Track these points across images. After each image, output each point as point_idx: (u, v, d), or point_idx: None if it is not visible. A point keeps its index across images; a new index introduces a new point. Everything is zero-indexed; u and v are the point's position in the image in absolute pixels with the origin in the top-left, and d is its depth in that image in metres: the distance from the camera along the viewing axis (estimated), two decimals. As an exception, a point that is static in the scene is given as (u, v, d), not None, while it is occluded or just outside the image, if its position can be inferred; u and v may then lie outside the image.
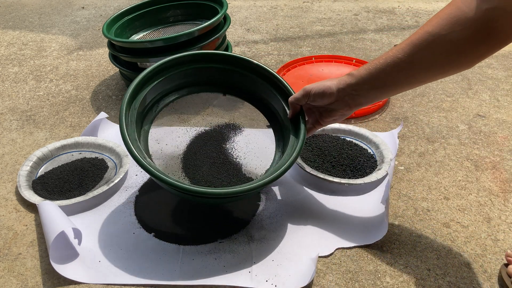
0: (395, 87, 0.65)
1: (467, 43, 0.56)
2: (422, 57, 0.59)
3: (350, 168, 0.86)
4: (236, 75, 0.84)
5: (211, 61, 0.83)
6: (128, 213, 0.80)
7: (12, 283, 0.68)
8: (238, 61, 0.83)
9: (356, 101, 0.68)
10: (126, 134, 0.68)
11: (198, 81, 0.85)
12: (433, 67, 0.60)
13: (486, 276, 0.68)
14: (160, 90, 0.81)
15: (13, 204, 0.84)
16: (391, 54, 0.62)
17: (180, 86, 0.84)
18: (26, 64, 1.40)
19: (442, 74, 0.62)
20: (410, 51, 0.60)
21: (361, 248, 0.73)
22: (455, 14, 0.56)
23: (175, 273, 0.68)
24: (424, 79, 0.63)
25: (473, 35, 0.55)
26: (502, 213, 0.79)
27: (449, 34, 0.56)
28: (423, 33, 0.59)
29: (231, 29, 1.62)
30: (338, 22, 1.68)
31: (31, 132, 1.05)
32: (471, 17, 0.54)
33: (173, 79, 0.82)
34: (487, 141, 0.99)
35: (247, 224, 0.77)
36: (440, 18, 0.57)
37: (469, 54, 0.57)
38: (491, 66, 1.30)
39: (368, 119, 1.07)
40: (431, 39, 0.58)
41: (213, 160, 0.81)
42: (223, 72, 0.84)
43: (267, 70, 0.82)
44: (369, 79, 0.65)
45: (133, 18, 1.23)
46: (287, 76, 1.24)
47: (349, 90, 0.67)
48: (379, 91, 0.66)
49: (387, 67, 0.62)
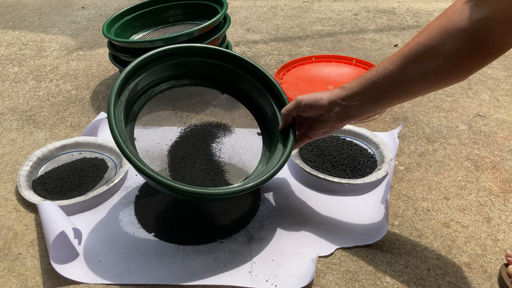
0: (387, 100, 0.64)
1: (459, 54, 0.55)
2: (413, 69, 0.58)
3: (350, 168, 0.86)
4: (229, 72, 0.82)
5: (208, 56, 0.81)
6: (128, 213, 0.80)
7: (12, 283, 0.68)
8: (233, 59, 0.81)
9: (347, 113, 0.67)
10: (115, 127, 0.67)
11: (190, 74, 0.82)
12: (425, 79, 0.59)
13: (486, 276, 0.68)
14: (150, 80, 0.79)
15: (13, 204, 0.84)
16: (382, 66, 0.61)
17: (169, 77, 0.81)
18: (26, 64, 1.40)
19: (434, 86, 0.61)
20: (402, 63, 0.59)
21: (361, 248, 0.73)
22: (446, 24, 0.55)
23: (175, 273, 0.68)
24: (416, 91, 0.62)
25: (465, 46, 0.54)
26: (502, 213, 0.79)
27: (441, 45, 0.55)
28: (414, 44, 0.58)
29: (231, 29, 1.62)
30: (338, 22, 1.68)
31: (31, 132, 1.05)
32: (463, 27, 0.53)
33: (161, 71, 0.79)
34: (487, 141, 0.99)
35: (247, 224, 0.77)
36: (432, 29, 0.56)
37: (461, 65, 0.56)
38: (491, 66, 1.30)
39: (368, 119, 1.07)
40: (422, 51, 0.57)
41: (199, 159, 0.81)
42: (220, 69, 0.82)
43: (265, 74, 0.81)
44: (360, 91, 0.64)
45: (133, 18, 1.23)
46: (287, 76, 1.24)
47: (340, 102, 0.66)
48: (371, 104, 0.65)
49: (378, 79, 0.62)
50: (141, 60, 0.75)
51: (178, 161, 0.80)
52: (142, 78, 0.76)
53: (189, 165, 0.79)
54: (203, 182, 0.77)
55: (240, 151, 0.84)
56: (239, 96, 0.85)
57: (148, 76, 0.77)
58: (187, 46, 0.80)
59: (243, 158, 0.83)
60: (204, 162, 0.80)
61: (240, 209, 0.81)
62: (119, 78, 0.71)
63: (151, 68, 0.77)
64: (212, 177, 0.78)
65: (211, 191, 0.66)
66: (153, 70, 0.77)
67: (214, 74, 0.83)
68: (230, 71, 0.82)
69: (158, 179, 0.64)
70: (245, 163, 0.82)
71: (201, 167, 0.79)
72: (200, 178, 0.77)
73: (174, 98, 0.84)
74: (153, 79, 0.79)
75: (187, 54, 0.80)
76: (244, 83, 0.83)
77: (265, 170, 0.73)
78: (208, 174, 0.78)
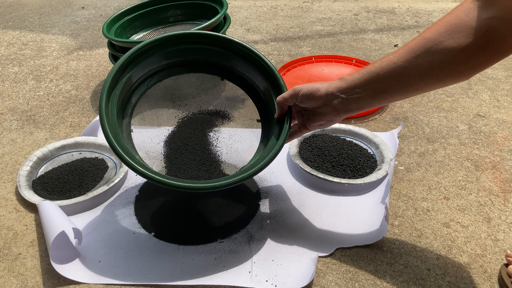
0: (388, 95, 0.62)
1: (465, 52, 0.55)
2: (418, 63, 0.58)
3: (350, 168, 0.86)
4: (227, 59, 0.80)
5: (203, 43, 0.80)
6: (128, 213, 0.80)
7: (12, 283, 0.68)
8: (230, 44, 0.79)
9: (345, 106, 0.65)
10: (107, 127, 0.68)
11: (184, 61, 0.81)
12: (429, 74, 0.58)
13: (486, 276, 0.68)
14: (143, 72, 0.78)
15: (13, 204, 0.84)
16: (386, 60, 0.60)
17: (165, 66, 0.80)
18: (26, 64, 1.40)
19: (438, 83, 0.60)
20: (408, 56, 0.58)
21: (361, 248, 0.73)
22: (454, 22, 0.55)
23: (175, 273, 0.68)
24: (419, 87, 0.61)
25: (472, 44, 0.54)
26: (502, 213, 0.79)
27: (447, 41, 0.55)
28: (421, 39, 0.57)
29: (231, 29, 1.62)
30: (338, 22, 1.68)
31: (31, 132, 1.05)
32: (471, 25, 0.53)
33: (156, 61, 0.79)
34: (487, 141, 0.99)
35: (247, 224, 0.77)
36: (439, 26, 0.56)
37: (466, 63, 0.56)
38: (491, 66, 1.30)
39: (368, 119, 1.07)
40: (428, 45, 0.56)
41: (195, 150, 0.80)
42: (218, 55, 0.80)
43: (261, 58, 0.78)
44: (361, 84, 0.62)
45: (133, 18, 1.23)
46: (287, 76, 1.24)
47: (339, 94, 0.65)
48: (371, 98, 0.63)
49: (381, 71, 0.60)
50: (131, 53, 0.74)
51: (174, 152, 0.80)
52: (136, 70, 0.75)
53: (185, 156, 0.79)
54: (197, 173, 0.76)
55: (238, 139, 0.83)
56: (238, 82, 0.83)
57: (141, 67, 0.77)
58: (174, 34, 0.79)
59: (240, 148, 0.82)
60: (200, 153, 0.80)
61: (240, 209, 0.81)
62: (111, 71, 0.72)
63: (143, 59, 0.76)
64: (207, 168, 0.78)
65: (193, 185, 0.65)
66: (147, 61, 0.77)
67: (210, 59, 0.81)
68: (224, 55, 0.80)
69: (146, 174, 0.64)
70: (242, 153, 0.81)
71: (197, 158, 0.79)
72: (195, 170, 0.77)
73: (172, 88, 0.83)
74: (147, 70, 0.79)
75: (179, 42, 0.79)
76: (240, 67, 0.81)
77: (256, 161, 0.72)
78: (203, 165, 0.78)
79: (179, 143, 0.81)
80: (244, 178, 0.67)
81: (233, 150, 0.83)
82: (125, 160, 0.66)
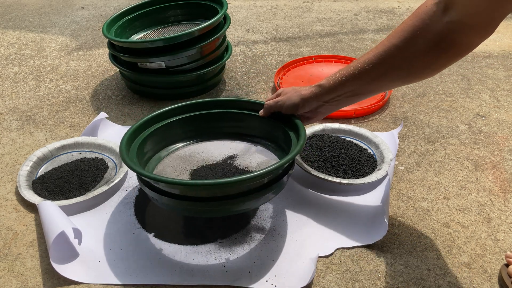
0: (364, 96, 0.71)
1: (428, 55, 0.60)
2: (387, 69, 0.64)
3: (350, 168, 0.86)
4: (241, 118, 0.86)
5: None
6: (128, 213, 0.80)
7: (12, 283, 0.68)
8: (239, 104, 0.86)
9: (327, 109, 0.75)
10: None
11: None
12: (397, 78, 0.66)
13: (486, 276, 0.68)
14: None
15: (13, 204, 0.84)
16: (358, 65, 0.66)
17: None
18: (26, 64, 1.40)
19: (404, 83, 0.70)
20: (377, 60, 0.64)
21: (361, 248, 0.73)
22: (418, 25, 0.59)
23: (175, 273, 0.68)
24: (388, 87, 0.72)
25: (434, 47, 0.59)
26: (502, 213, 0.79)
27: (412, 47, 0.60)
28: (389, 45, 0.62)
29: (231, 29, 1.62)
30: (338, 22, 1.68)
31: (31, 132, 1.05)
32: (433, 29, 0.58)
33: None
34: (487, 141, 0.99)
35: (247, 224, 0.77)
36: (405, 31, 0.61)
37: (430, 65, 0.62)
38: (491, 66, 1.30)
39: (368, 119, 1.07)
40: (396, 53, 0.62)
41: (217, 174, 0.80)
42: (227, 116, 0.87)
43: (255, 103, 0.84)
44: (336, 89, 0.70)
45: (133, 18, 1.22)
46: (287, 76, 1.24)
47: (318, 100, 0.73)
48: (350, 99, 0.72)
49: (351, 77, 0.68)
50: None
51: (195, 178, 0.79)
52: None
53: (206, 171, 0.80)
54: None
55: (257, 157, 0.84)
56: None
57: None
58: (192, 103, 0.87)
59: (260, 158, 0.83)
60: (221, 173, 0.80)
61: (240, 209, 0.81)
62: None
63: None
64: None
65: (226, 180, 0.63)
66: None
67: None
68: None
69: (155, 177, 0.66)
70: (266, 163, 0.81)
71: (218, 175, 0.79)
72: None
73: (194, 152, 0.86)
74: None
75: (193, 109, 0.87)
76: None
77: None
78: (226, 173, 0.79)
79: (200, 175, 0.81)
80: (287, 161, 0.66)
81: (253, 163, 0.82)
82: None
